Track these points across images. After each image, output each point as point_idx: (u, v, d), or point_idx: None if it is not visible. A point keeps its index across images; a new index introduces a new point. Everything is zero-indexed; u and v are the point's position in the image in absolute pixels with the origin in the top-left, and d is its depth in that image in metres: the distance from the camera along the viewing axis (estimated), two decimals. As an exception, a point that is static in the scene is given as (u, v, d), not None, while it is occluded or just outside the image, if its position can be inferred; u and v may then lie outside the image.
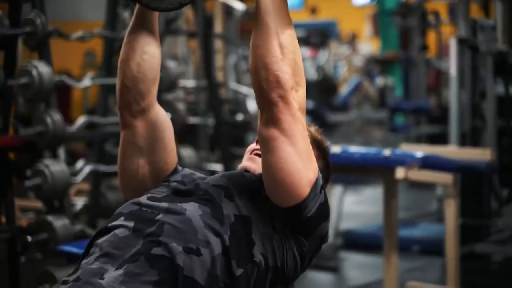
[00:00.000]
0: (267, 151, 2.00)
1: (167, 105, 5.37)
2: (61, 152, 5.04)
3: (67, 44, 5.79)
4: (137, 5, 2.23)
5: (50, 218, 4.74)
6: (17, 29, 4.77)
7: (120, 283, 1.87)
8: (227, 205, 2.04)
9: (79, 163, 5.82)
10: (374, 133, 13.77)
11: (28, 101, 4.84)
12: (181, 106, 5.36)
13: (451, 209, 4.93)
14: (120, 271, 1.89)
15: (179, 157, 5.34)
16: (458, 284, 5.02)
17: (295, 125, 1.99)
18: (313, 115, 12.60)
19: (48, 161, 4.76)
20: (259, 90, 1.98)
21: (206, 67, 5.81)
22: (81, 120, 5.05)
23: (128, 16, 5.47)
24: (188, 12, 7.34)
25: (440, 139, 9.00)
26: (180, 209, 2.01)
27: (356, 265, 6.05)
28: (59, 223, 4.72)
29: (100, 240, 2.02)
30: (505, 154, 6.41)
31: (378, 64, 15.56)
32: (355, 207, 7.70)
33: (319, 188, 2.08)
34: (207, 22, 5.85)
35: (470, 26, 6.36)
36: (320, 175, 2.10)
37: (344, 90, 15.09)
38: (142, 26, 2.24)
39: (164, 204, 2.04)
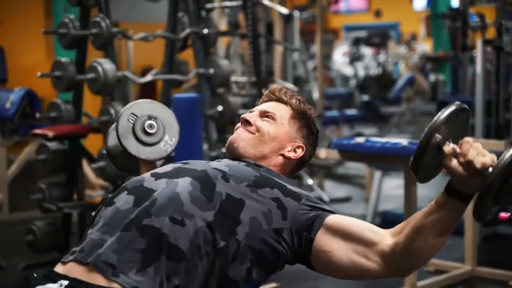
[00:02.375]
0: (357, 265, 1.98)
1: (220, 98, 5.43)
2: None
3: (153, 44, 5.85)
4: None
5: (112, 196, 4.85)
6: (85, 30, 4.89)
7: (113, 252, 1.90)
8: (222, 184, 2.01)
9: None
10: (424, 124, 13.62)
11: (95, 94, 4.93)
12: (232, 99, 5.40)
13: (468, 194, 4.86)
14: (115, 240, 1.92)
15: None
16: (475, 262, 4.97)
17: None
18: (369, 107, 12.56)
19: (111, 146, 4.86)
20: (407, 266, 1.97)
21: (255, 65, 5.84)
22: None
23: (187, 20, 5.54)
24: (241, 17, 7.43)
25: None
26: (173, 185, 2.00)
27: (389, 242, 6.00)
28: (121, 200, 4.83)
29: (103, 212, 2.04)
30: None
31: (431, 62, 15.37)
32: (395, 190, 7.62)
33: None
34: (268, 26, 5.89)
35: (496, 29, 6.26)
36: None
37: (397, 85, 14.95)
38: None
39: (162, 180, 2.03)
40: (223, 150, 5.39)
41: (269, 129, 2.26)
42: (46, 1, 10.75)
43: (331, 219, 2.02)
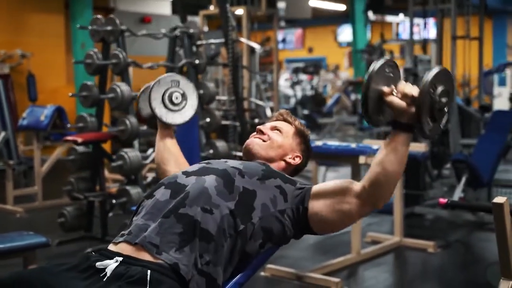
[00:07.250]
0: (343, 212, 1.88)
1: (208, 112, 5.28)
2: (136, 143, 4.96)
3: (144, 72, 5.67)
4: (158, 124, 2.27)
5: (128, 187, 4.69)
6: (107, 61, 4.71)
7: (156, 234, 1.80)
8: (239, 179, 1.93)
9: (150, 150, 5.74)
10: (349, 131, 13.62)
11: (114, 109, 4.74)
12: (217, 112, 5.25)
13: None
14: (157, 225, 1.82)
15: (216, 147, 5.25)
16: (402, 234, 4.90)
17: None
18: (309, 118, 12.50)
19: (127, 149, 4.70)
20: (377, 196, 1.82)
21: (234, 87, 5.70)
22: (149, 122, 4.96)
23: (183, 53, 5.37)
24: (223, 51, 7.27)
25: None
26: (202, 181, 1.91)
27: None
28: (134, 191, 4.67)
29: (146, 202, 1.93)
30: (435, 146, 6.31)
31: (352, 85, 15.41)
32: (334, 181, 7.53)
33: None
34: (236, 58, 5.75)
35: (413, 60, 6.23)
36: None
37: (329, 102, 14.94)
38: (162, 137, 2.28)
39: (192, 177, 1.93)
40: (210, 151, 5.27)
41: (277, 138, 2.18)
42: (67, 39, 10.51)
43: (315, 188, 1.96)
